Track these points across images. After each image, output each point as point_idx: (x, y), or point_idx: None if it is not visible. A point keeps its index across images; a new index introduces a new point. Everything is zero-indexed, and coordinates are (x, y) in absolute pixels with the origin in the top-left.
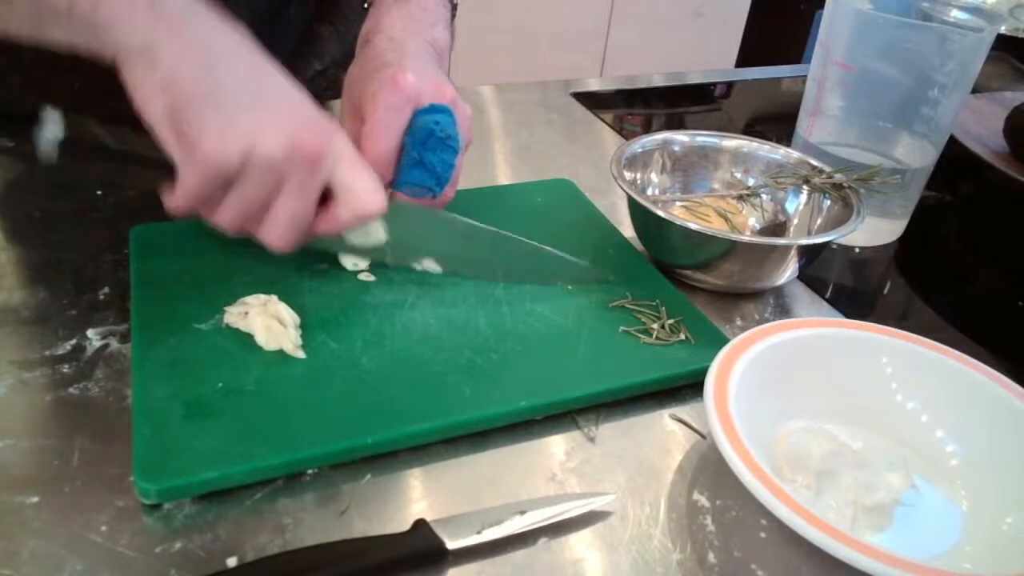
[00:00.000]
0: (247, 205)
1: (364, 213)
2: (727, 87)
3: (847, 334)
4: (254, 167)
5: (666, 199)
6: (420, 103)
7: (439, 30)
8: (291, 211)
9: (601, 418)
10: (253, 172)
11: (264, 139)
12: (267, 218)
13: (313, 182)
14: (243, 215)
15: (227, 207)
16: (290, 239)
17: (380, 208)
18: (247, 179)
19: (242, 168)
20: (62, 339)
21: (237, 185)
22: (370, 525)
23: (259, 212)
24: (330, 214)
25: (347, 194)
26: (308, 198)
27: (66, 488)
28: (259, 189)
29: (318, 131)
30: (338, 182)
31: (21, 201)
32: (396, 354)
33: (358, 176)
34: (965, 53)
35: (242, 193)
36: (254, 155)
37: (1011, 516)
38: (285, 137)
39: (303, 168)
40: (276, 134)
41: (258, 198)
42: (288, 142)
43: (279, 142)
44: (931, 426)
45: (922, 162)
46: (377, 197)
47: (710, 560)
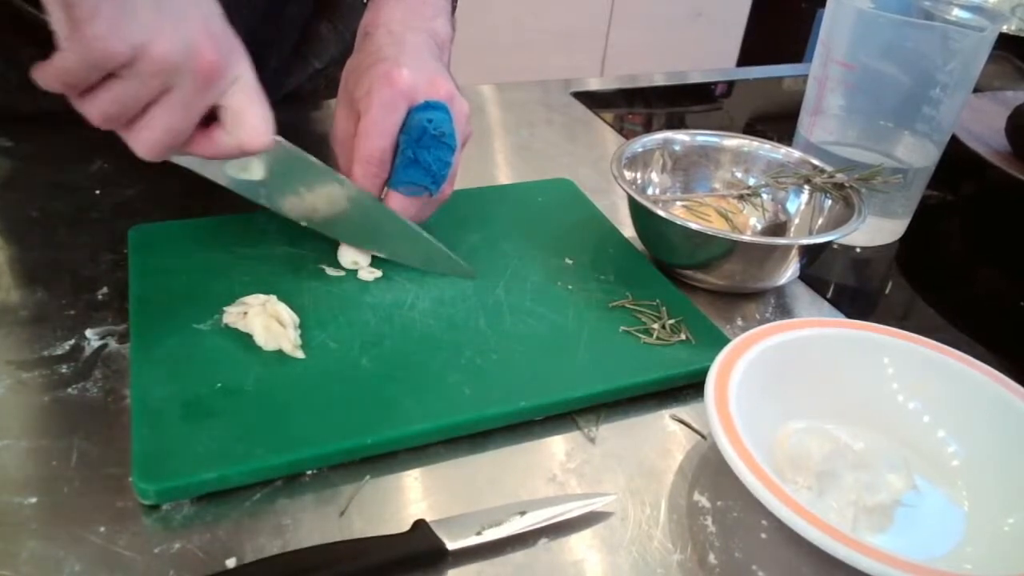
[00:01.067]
0: (124, 103)
1: (247, 146)
2: (728, 86)
3: (848, 334)
4: (142, 65)
5: (667, 199)
6: (415, 99)
7: (439, 23)
8: (169, 122)
9: (601, 418)
10: (140, 70)
11: (161, 38)
12: (141, 122)
13: (201, 97)
14: (116, 112)
15: (101, 99)
16: (160, 150)
17: (264, 145)
18: (131, 76)
19: (129, 63)
20: (60, 339)
21: (118, 79)
22: (370, 526)
23: (134, 114)
24: (210, 137)
25: (235, 121)
26: (191, 113)
27: (64, 489)
28: (141, 90)
29: (222, 46)
30: (228, 107)
31: (20, 201)
32: (396, 354)
33: (252, 105)
34: (967, 52)
35: (122, 89)
36: (146, 52)
37: (1012, 517)
38: (184, 42)
39: (195, 80)
40: (175, 37)
41: (138, 99)
42: (187, 48)
43: (176, 46)
44: (932, 426)
45: (924, 162)
46: (264, 132)
47: (711, 561)
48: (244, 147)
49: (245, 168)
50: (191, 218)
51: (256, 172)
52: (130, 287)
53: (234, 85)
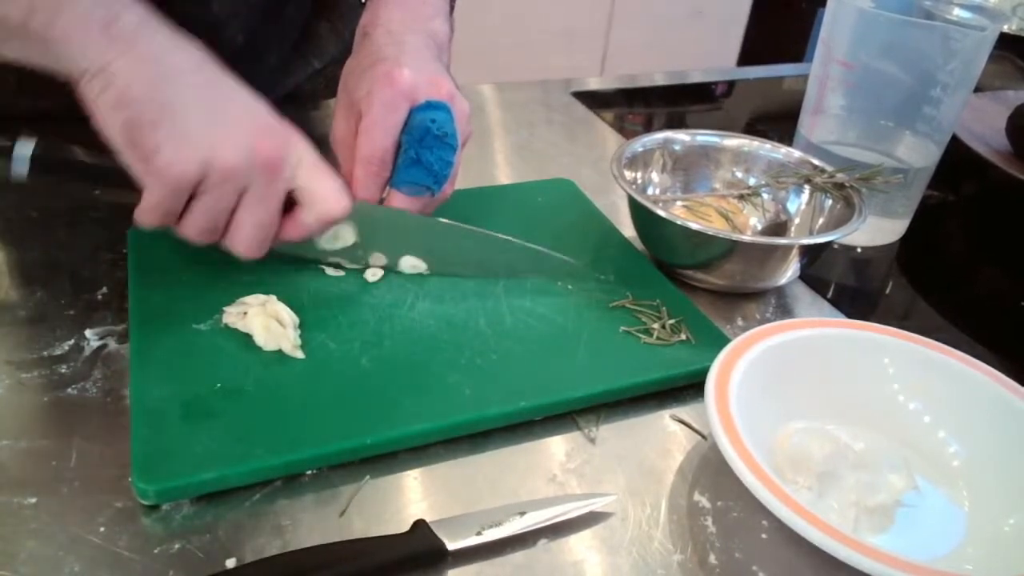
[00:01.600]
0: (211, 215)
1: (329, 217)
2: (728, 86)
3: (849, 334)
4: (214, 177)
5: (667, 199)
6: (416, 100)
7: (438, 23)
8: (255, 219)
9: (601, 419)
10: (213, 182)
11: (222, 149)
12: (232, 227)
13: (274, 189)
14: (208, 225)
15: (192, 218)
16: (256, 246)
17: (344, 210)
18: (208, 190)
19: (202, 179)
20: (60, 339)
21: (199, 196)
22: (369, 526)
23: (224, 222)
24: (295, 220)
25: (310, 199)
26: (271, 205)
27: (64, 489)
28: (221, 199)
29: (276, 138)
30: (301, 187)
31: (19, 201)
32: (395, 354)
33: (320, 180)
34: (967, 52)
35: (205, 204)
36: (213, 165)
37: (1013, 517)
38: (243, 146)
39: (263, 175)
40: (234, 144)
41: (221, 208)
42: (246, 150)
43: (237, 151)
44: (933, 427)
45: (924, 161)
46: (340, 199)
47: (711, 561)
48: (325, 219)
49: (337, 237)
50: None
51: (347, 238)
52: (129, 287)
53: (299, 168)
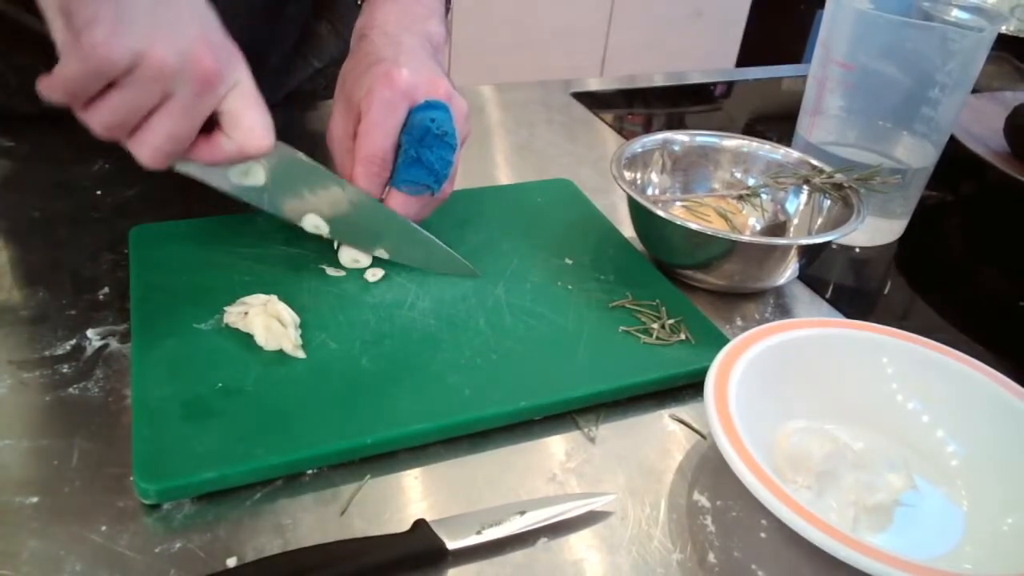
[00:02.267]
0: (125, 111)
1: (248, 150)
2: (727, 87)
3: (847, 334)
4: (142, 73)
5: (666, 199)
6: (415, 99)
7: (433, 24)
8: (170, 128)
9: (601, 418)
10: (139, 77)
11: (160, 45)
12: (143, 130)
13: (201, 103)
14: (118, 121)
15: (103, 108)
16: (162, 157)
17: (265, 148)
18: (131, 84)
19: (128, 71)
20: (61, 339)
21: (119, 88)
22: (370, 525)
23: (136, 122)
24: (212, 142)
25: (234, 126)
26: (191, 119)
27: (65, 488)
28: (142, 98)
29: (219, 52)
30: (228, 111)
31: (21, 201)
32: (396, 354)
33: (251, 110)
34: (966, 53)
35: (122, 97)
36: (144, 60)
37: (1012, 516)
38: (182, 49)
39: (193, 86)
40: (173, 43)
41: (138, 107)
42: (184, 55)
43: (174, 52)
44: (932, 426)
45: (922, 162)
46: (265, 137)
47: (710, 560)
48: (245, 151)
49: (247, 173)
50: (191, 218)
51: (258, 177)
52: (131, 287)
53: (233, 91)
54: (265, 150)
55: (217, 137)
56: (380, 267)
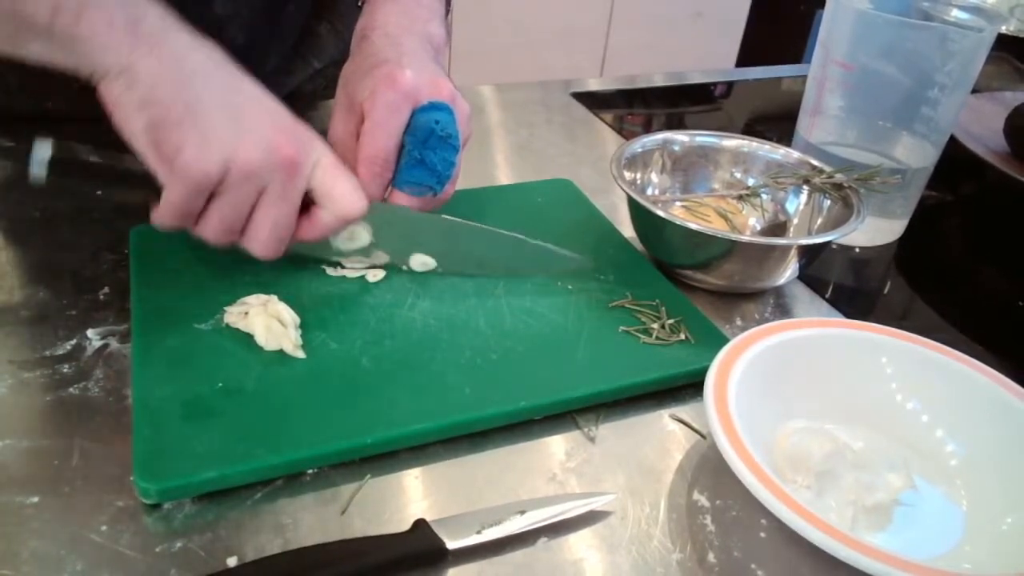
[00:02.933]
0: (230, 215)
1: (346, 216)
2: (727, 87)
3: (847, 334)
4: (234, 177)
5: (666, 199)
6: (419, 101)
7: (434, 25)
8: (273, 218)
9: (601, 418)
10: (233, 182)
11: (242, 149)
12: (250, 227)
13: (292, 188)
14: (227, 225)
15: (210, 218)
16: (274, 246)
17: (361, 210)
18: (228, 189)
19: (222, 179)
20: (62, 339)
21: (219, 196)
22: (370, 525)
23: (242, 222)
24: (312, 220)
25: (328, 198)
26: (289, 204)
27: (66, 488)
28: (240, 198)
29: (295, 138)
30: (318, 187)
31: (21, 201)
32: (396, 354)
33: (338, 180)
34: (965, 53)
35: (224, 204)
36: (233, 165)
37: (1011, 516)
38: (262, 146)
39: (282, 175)
40: (253, 143)
41: (240, 208)
42: (265, 150)
43: (257, 151)
44: (931, 426)
45: (922, 162)
46: (357, 199)
47: (710, 560)
48: (342, 219)
49: (352, 238)
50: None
51: (363, 239)
52: (131, 287)
53: (317, 168)
54: (360, 212)
55: (316, 213)
56: (380, 267)
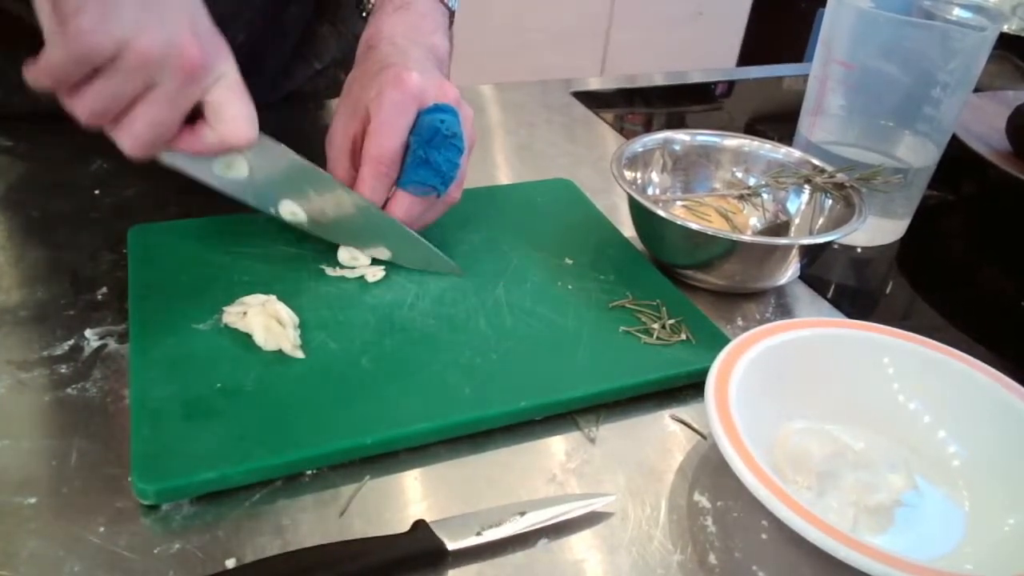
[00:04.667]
0: (109, 99)
1: (231, 141)
2: (728, 86)
3: (849, 334)
4: (127, 61)
5: (667, 199)
6: (425, 102)
7: (438, 37)
8: (154, 117)
9: (601, 419)
10: (124, 66)
11: (146, 35)
12: (128, 118)
13: (184, 94)
14: (103, 108)
15: (88, 95)
16: (146, 146)
17: (247, 141)
18: (115, 73)
19: (114, 59)
20: (60, 339)
21: (103, 75)
22: (370, 526)
23: (120, 110)
24: (195, 133)
25: (218, 117)
26: (175, 110)
27: (64, 489)
28: (125, 86)
29: (205, 43)
30: (212, 102)
31: (20, 201)
32: (395, 354)
33: (235, 101)
34: (967, 52)
35: (106, 85)
36: (130, 48)
37: (1013, 517)
38: (167, 39)
39: (178, 76)
40: (159, 33)
41: (122, 95)
42: (170, 45)
43: (159, 42)
44: (933, 427)
45: (924, 161)
46: (248, 128)
47: (711, 561)
48: (227, 142)
49: (230, 166)
50: (191, 218)
51: (241, 170)
52: (130, 287)
53: (218, 83)
54: (247, 142)
55: (201, 128)
56: (380, 267)
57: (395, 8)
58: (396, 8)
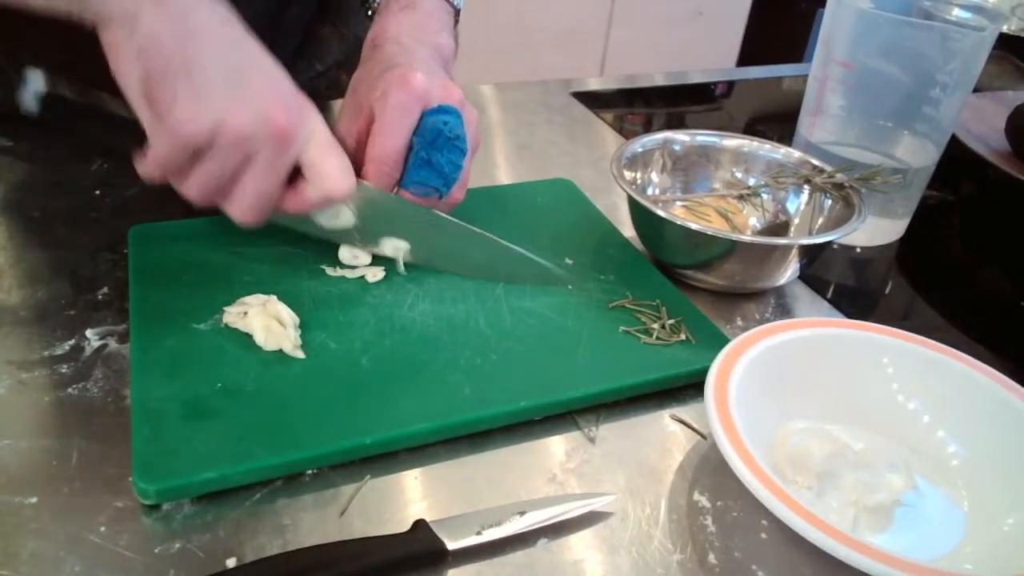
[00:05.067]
0: (215, 177)
1: (332, 195)
2: (728, 86)
3: (848, 334)
4: (223, 140)
5: (666, 199)
6: (429, 103)
7: (444, 37)
8: (258, 186)
9: (601, 418)
10: (222, 145)
11: (236, 113)
12: (234, 192)
13: (281, 159)
14: (211, 187)
15: (196, 178)
16: (256, 214)
17: (347, 191)
18: (216, 152)
19: (211, 141)
20: (61, 339)
21: (206, 157)
22: (370, 526)
23: (227, 185)
24: (298, 193)
25: (316, 174)
26: (276, 175)
27: (65, 489)
28: (227, 163)
29: (291, 109)
30: (308, 162)
31: (20, 201)
32: (396, 354)
33: (329, 157)
34: (967, 52)
35: (210, 166)
36: (224, 128)
37: (1012, 517)
38: (258, 112)
39: (272, 144)
40: (247, 109)
41: (226, 171)
42: (260, 117)
43: (251, 116)
44: (932, 427)
45: (924, 161)
46: (345, 180)
47: (711, 561)
48: (328, 196)
49: (336, 216)
50: (191, 218)
51: (347, 219)
52: (130, 287)
53: (309, 141)
54: (346, 193)
55: (301, 187)
56: (380, 267)
57: (401, 7)
58: (402, 7)
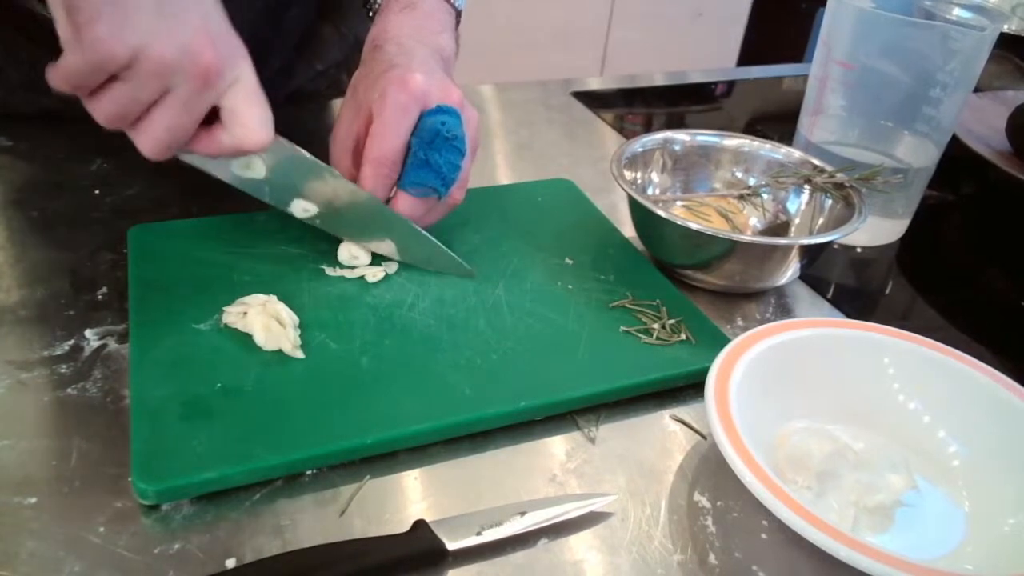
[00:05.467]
0: (126, 103)
1: (246, 145)
2: (728, 86)
3: (849, 334)
4: (143, 68)
5: (667, 199)
6: (427, 104)
7: (445, 37)
8: (171, 121)
9: (601, 419)
10: (140, 73)
11: (160, 42)
12: (144, 122)
13: (201, 98)
14: (120, 113)
15: (105, 99)
16: (163, 149)
17: (262, 145)
18: (131, 78)
19: (130, 66)
20: (60, 339)
21: (120, 81)
22: (370, 526)
23: (138, 113)
24: (211, 136)
25: (234, 122)
26: (191, 113)
27: (64, 489)
28: (143, 91)
29: (220, 49)
30: (228, 107)
31: (20, 201)
32: (396, 354)
33: (252, 107)
34: (967, 52)
35: (123, 91)
36: (145, 55)
37: (1013, 517)
38: (182, 44)
39: (193, 81)
40: (174, 40)
41: (139, 100)
42: (185, 51)
43: (174, 48)
44: (933, 427)
45: (924, 161)
46: (263, 132)
47: (711, 561)
48: (243, 146)
49: (248, 166)
50: (191, 218)
51: (258, 170)
52: (129, 287)
53: (234, 86)
54: (262, 146)
55: (216, 131)
56: (380, 267)
57: (401, 8)
58: (403, 8)
